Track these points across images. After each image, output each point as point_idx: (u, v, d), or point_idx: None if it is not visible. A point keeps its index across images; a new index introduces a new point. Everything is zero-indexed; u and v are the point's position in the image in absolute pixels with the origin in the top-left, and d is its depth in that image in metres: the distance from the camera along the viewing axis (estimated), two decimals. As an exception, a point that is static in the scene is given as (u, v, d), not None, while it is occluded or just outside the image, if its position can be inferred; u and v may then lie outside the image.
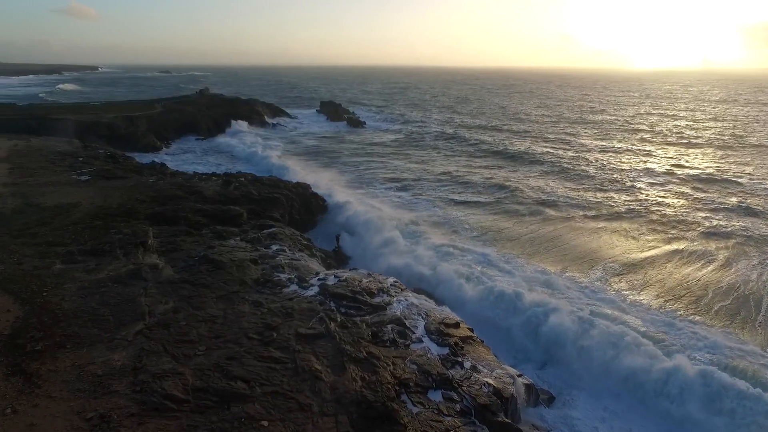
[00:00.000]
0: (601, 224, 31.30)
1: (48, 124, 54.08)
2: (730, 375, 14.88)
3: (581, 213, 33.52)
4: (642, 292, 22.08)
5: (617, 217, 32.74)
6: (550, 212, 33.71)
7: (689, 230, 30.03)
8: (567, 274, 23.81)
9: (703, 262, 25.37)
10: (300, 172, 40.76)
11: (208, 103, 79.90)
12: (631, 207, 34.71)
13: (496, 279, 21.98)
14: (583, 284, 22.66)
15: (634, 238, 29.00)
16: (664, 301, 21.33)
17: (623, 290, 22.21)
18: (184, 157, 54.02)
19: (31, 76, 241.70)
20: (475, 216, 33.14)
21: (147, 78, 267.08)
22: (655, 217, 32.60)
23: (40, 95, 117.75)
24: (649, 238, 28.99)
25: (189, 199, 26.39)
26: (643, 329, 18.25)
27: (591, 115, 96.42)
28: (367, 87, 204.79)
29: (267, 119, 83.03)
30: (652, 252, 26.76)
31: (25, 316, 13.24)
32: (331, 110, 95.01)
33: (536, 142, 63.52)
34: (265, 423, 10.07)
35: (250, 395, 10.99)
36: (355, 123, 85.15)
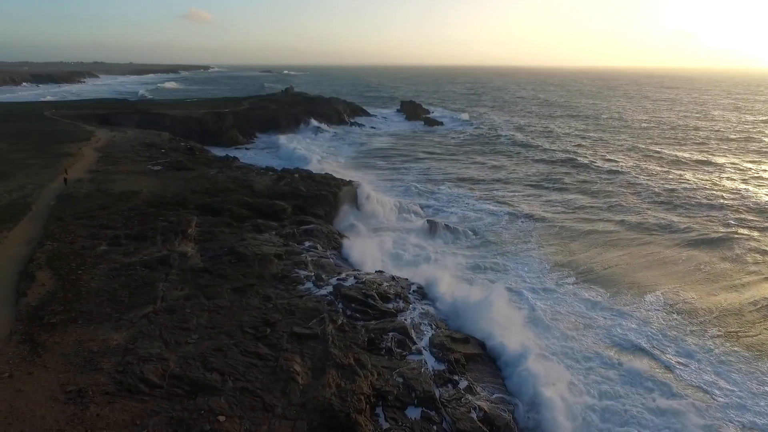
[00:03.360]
0: (683, 251, 27.00)
1: (147, 118, 60.12)
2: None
3: (663, 237, 29.20)
4: (717, 340, 18.72)
5: (706, 243, 28.17)
6: (628, 234, 29.65)
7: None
8: (617, 306, 20.93)
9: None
10: (355, 171, 41.08)
11: (290, 101, 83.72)
12: (723, 233, 29.66)
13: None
14: (638, 320, 19.88)
15: (719, 268, 24.87)
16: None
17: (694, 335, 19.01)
18: (260, 152, 56.98)
19: (151, 75, 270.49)
20: (541, 231, 30.30)
21: (246, 77, 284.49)
22: (751, 245, 27.63)
23: (140, 92, 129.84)
24: (740, 269, 24.78)
25: (239, 192, 27.71)
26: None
27: (696, 122, 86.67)
28: (454, 87, 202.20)
29: (345, 117, 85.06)
30: (742, 291, 22.60)
31: (54, 290, 14.66)
32: (410, 110, 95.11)
33: (625, 153, 57.89)
34: (222, 418, 10.16)
35: (220, 388, 11.19)
36: (432, 123, 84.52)
